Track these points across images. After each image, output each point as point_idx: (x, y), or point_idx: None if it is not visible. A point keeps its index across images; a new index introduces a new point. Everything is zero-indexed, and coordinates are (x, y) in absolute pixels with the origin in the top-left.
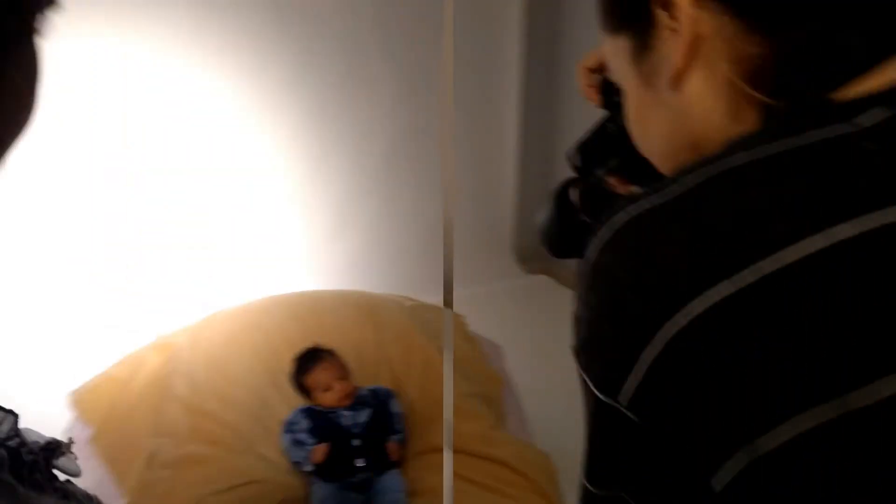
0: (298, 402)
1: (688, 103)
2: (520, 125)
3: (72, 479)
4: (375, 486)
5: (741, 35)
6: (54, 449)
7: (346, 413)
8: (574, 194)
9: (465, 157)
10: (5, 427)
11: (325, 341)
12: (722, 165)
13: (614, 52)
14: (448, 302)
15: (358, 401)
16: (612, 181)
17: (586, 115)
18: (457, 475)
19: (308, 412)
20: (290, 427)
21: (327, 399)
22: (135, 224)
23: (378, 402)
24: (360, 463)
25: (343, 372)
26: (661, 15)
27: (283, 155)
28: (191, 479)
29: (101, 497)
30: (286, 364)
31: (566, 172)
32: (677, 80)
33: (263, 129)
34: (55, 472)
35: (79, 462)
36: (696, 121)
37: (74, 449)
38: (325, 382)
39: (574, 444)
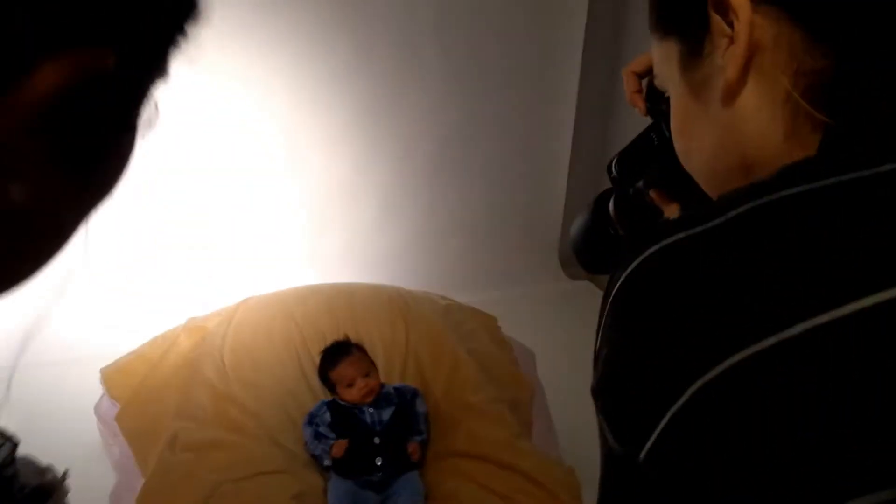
0: (325, 394)
1: (740, 119)
2: (574, 131)
3: None
4: (393, 487)
5: (802, 46)
6: (45, 496)
7: (369, 410)
8: (611, 205)
9: (519, 162)
10: (2, 454)
11: (356, 335)
12: (773, 196)
13: (662, 57)
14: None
15: (382, 398)
16: (651, 195)
17: (639, 123)
18: (476, 483)
19: (331, 406)
20: (311, 419)
21: (349, 395)
22: (151, 223)
23: (403, 401)
24: (379, 461)
25: (369, 368)
26: (717, 20)
27: (329, 149)
28: (211, 464)
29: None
30: (316, 355)
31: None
32: (730, 92)
33: (314, 121)
34: None
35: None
36: (748, 139)
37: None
38: (349, 377)
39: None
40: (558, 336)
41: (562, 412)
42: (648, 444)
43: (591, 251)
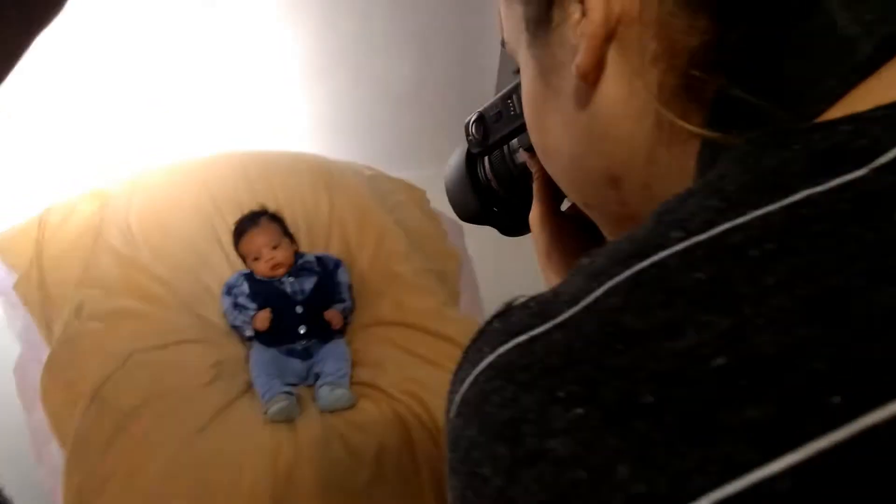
0: (241, 264)
1: (600, 116)
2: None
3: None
4: (319, 354)
5: (676, 15)
6: None
7: (289, 279)
8: (483, 166)
9: (451, 42)
10: None
11: (275, 204)
12: (667, 250)
13: (508, 18)
14: None
15: (303, 268)
16: (525, 158)
17: None
18: (403, 349)
19: (249, 277)
20: (230, 290)
21: (258, 268)
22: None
23: (325, 271)
24: (302, 330)
25: (278, 240)
26: None
27: (251, 9)
28: (121, 334)
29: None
30: (231, 223)
31: None
32: (584, 81)
33: None
34: None
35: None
36: (611, 142)
37: None
38: (255, 250)
39: None
40: None
41: (487, 286)
42: None
43: (471, 209)
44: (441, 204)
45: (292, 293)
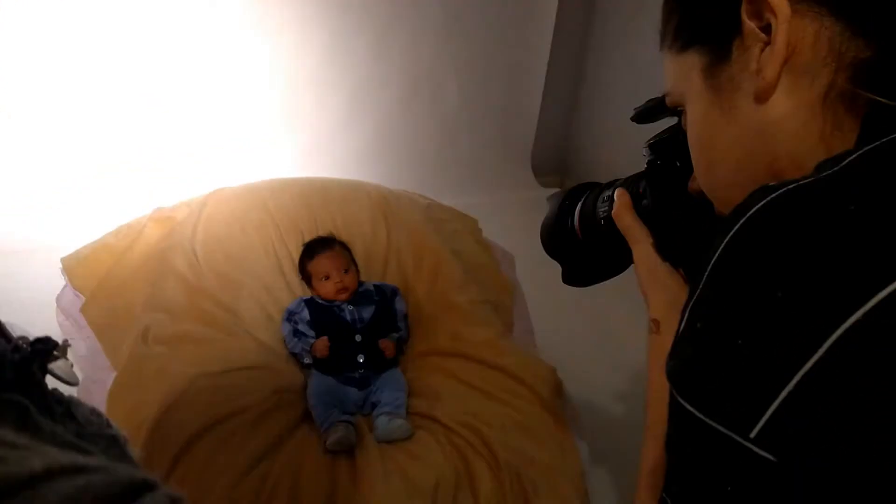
0: (303, 291)
1: (773, 122)
2: (551, 46)
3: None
4: (376, 383)
5: (842, 39)
6: (47, 350)
7: (349, 307)
8: (578, 208)
9: (497, 72)
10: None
11: (335, 231)
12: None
13: (680, 71)
14: None
15: (363, 296)
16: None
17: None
18: (458, 379)
19: (310, 303)
20: (290, 316)
21: (324, 289)
22: (116, 110)
23: (383, 299)
24: (361, 359)
25: (348, 265)
26: (749, 24)
27: (300, 36)
28: (185, 358)
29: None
30: (293, 250)
31: (586, 96)
32: (765, 95)
33: (284, 5)
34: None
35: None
36: (781, 142)
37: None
38: (325, 271)
39: (576, 360)
40: (535, 242)
41: (538, 316)
42: (770, 421)
43: (552, 240)
44: (491, 233)
45: (352, 321)
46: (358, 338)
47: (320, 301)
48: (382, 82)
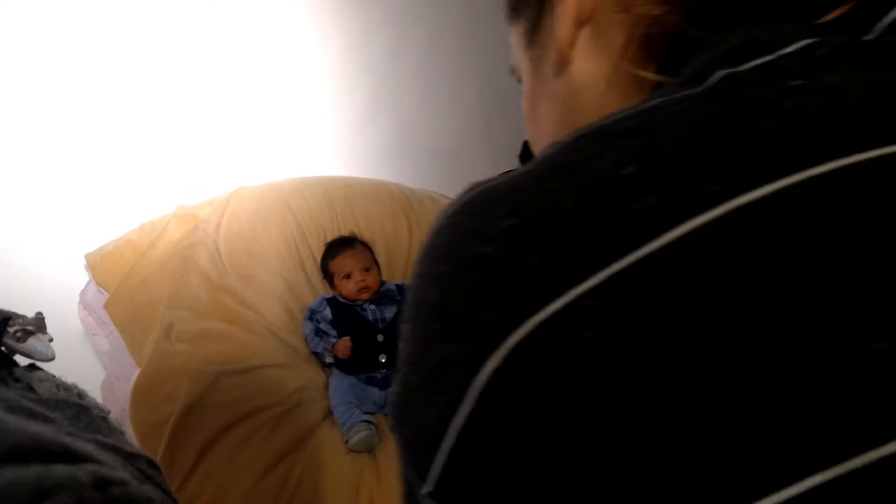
0: (325, 291)
1: (576, 90)
2: None
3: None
4: None
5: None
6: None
7: (370, 307)
8: None
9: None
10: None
11: (357, 230)
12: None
13: (514, 42)
14: None
15: (384, 296)
16: None
17: None
18: None
19: (332, 302)
20: (312, 315)
21: (346, 288)
22: (137, 107)
23: (405, 299)
24: (383, 359)
25: (370, 264)
26: None
27: (320, 30)
28: (209, 356)
29: (113, 363)
30: (315, 249)
31: None
32: (562, 58)
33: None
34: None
35: (52, 344)
36: (585, 111)
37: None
38: (348, 269)
39: None
40: None
41: None
42: (438, 468)
43: None
44: None
45: (374, 321)
46: (380, 338)
47: (342, 300)
48: (401, 82)
